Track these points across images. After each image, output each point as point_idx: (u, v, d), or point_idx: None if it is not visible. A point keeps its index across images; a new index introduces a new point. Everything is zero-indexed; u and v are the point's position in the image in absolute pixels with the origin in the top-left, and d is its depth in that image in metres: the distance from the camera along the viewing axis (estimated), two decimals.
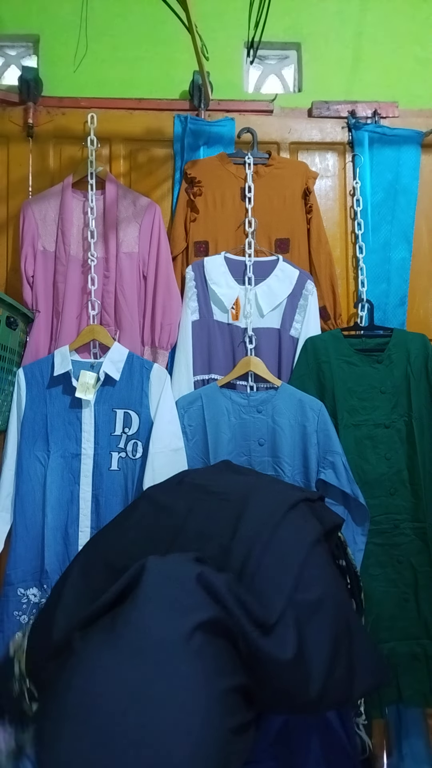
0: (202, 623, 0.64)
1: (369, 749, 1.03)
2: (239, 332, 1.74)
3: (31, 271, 1.73)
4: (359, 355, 1.69)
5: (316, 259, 1.80)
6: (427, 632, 1.57)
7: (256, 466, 1.60)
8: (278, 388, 1.64)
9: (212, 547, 0.79)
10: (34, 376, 1.63)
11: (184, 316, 1.73)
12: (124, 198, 1.77)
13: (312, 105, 1.94)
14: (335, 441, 1.58)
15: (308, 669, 0.71)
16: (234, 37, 1.96)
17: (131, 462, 1.60)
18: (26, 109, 1.84)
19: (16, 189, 1.84)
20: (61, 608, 0.79)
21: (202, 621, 0.64)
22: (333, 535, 1.01)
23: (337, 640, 0.75)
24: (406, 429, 1.65)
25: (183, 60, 1.89)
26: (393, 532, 1.61)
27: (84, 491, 1.58)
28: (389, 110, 1.93)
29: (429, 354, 1.69)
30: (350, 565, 1.07)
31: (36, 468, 1.59)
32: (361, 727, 1.03)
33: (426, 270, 1.91)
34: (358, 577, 1.09)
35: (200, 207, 1.79)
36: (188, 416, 1.63)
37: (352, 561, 1.09)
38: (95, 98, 1.89)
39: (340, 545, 1.07)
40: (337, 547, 1.05)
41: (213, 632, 0.65)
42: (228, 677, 0.63)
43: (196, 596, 0.67)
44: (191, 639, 0.62)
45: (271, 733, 0.86)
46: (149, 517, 0.92)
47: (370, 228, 1.87)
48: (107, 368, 1.61)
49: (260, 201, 1.79)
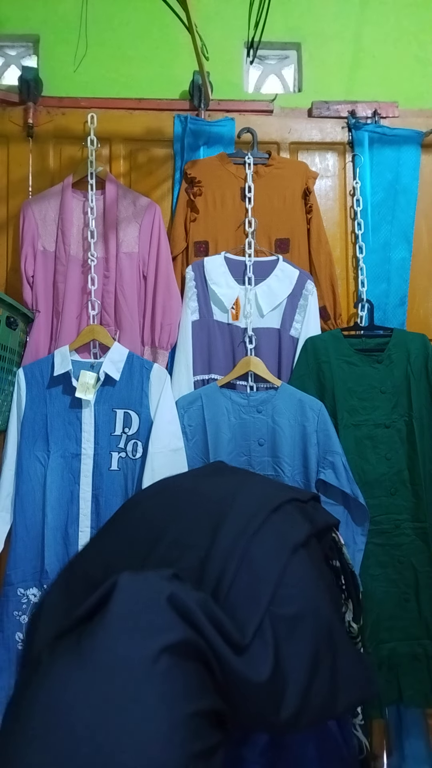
0: (170, 645, 0.62)
1: (366, 749, 1.03)
2: (239, 332, 1.73)
3: (31, 271, 1.73)
4: (359, 355, 1.69)
5: (316, 259, 1.80)
6: (427, 632, 1.57)
7: (256, 466, 1.60)
8: (278, 388, 1.64)
9: (190, 559, 0.78)
10: (34, 376, 1.63)
11: (184, 316, 1.73)
12: (124, 198, 1.77)
13: (312, 105, 1.94)
14: (335, 441, 1.58)
15: (284, 689, 0.69)
16: (234, 37, 1.96)
17: (131, 462, 1.60)
18: (26, 109, 1.84)
19: (16, 189, 1.84)
20: (42, 620, 0.78)
21: (170, 643, 0.62)
22: (326, 537, 0.99)
23: (318, 655, 0.73)
24: (407, 429, 1.65)
25: (183, 60, 1.89)
26: (393, 533, 1.61)
27: (84, 491, 1.58)
28: (389, 110, 1.93)
29: (429, 354, 1.69)
30: (345, 566, 1.05)
31: (36, 468, 1.59)
32: (358, 728, 1.03)
33: (426, 270, 1.91)
34: (355, 577, 1.08)
35: (200, 207, 1.79)
36: (188, 416, 1.63)
37: (348, 562, 1.07)
38: (95, 98, 1.89)
39: (335, 546, 1.05)
40: (331, 549, 1.03)
41: (182, 654, 0.63)
42: (195, 701, 0.62)
43: (165, 617, 0.65)
44: (157, 661, 0.61)
45: (259, 744, 0.85)
46: (129, 526, 0.90)
47: (370, 228, 1.87)
48: (107, 368, 1.61)
49: (260, 201, 1.79)
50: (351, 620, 1.02)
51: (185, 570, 0.75)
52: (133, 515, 0.93)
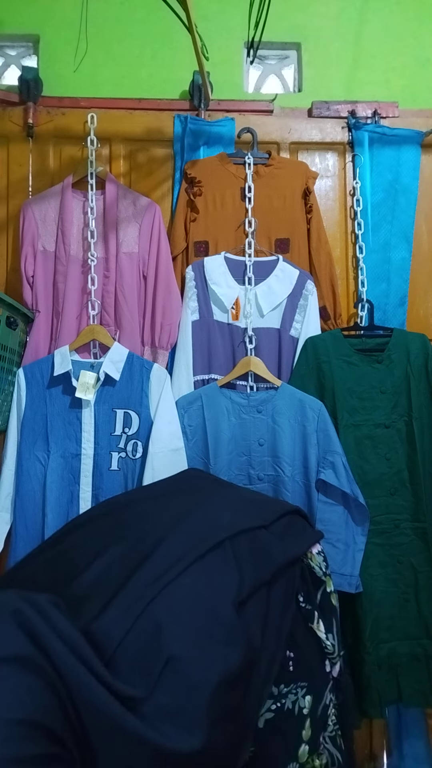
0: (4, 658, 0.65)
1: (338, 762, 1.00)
2: (239, 332, 1.73)
3: (31, 271, 1.73)
4: (359, 355, 1.69)
5: (316, 259, 1.80)
6: (427, 632, 1.57)
7: (256, 466, 1.60)
8: (278, 388, 1.64)
9: (94, 606, 0.78)
10: (34, 376, 1.63)
11: (184, 316, 1.73)
12: (124, 198, 1.77)
13: (312, 105, 1.94)
14: (335, 441, 1.58)
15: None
16: (234, 37, 1.96)
17: (131, 462, 1.60)
18: (26, 109, 1.84)
19: (16, 189, 1.84)
20: None
21: (4, 656, 0.65)
22: (293, 567, 0.98)
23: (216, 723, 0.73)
24: (406, 429, 1.65)
25: (183, 60, 1.89)
26: (393, 532, 1.61)
27: (84, 491, 1.58)
28: (389, 110, 1.93)
29: (429, 354, 1.69)
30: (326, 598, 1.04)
31: (36, 468, 1.59)
32: (328, 740, 1.01)
33: (426, 270, 1.91)
34: (333, 610, 1.05)
35: (200, 207, 1.79)
36: (188, 416, 1.63)
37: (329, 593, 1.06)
38: (95, 98, 1.89)
39: (307, 576, 1.02)
40: (303, 579, 1.01)
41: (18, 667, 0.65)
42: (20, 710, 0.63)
43: (4, 630, 0.67)
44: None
45: None
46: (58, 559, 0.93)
47: (370, 228, 1.87)
48: (107, 368, 1.61)
49: (260, 201, 1.79)
50: (325, 638, 1.01)
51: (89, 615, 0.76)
52: (63, 547, 0.96)
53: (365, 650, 1.52)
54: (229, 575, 0.86)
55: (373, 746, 1.73)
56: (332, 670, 1.03)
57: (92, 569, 0.86)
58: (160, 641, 0.75)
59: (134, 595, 0.79)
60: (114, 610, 0.77)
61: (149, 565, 0.84)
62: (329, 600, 1.06)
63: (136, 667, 0.72)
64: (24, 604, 0.70)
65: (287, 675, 0.94)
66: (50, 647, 0.67)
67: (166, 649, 0.74)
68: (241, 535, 0.92)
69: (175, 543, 0.88)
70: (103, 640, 0.73)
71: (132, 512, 1.02)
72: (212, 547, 0.87)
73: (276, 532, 1.01)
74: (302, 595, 1.00)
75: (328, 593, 1.07)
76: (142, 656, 0.74)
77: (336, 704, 1.04)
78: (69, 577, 0.85)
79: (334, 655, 1.03)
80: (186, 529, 0.92)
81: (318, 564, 1.07)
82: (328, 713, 1.01)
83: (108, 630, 0.74)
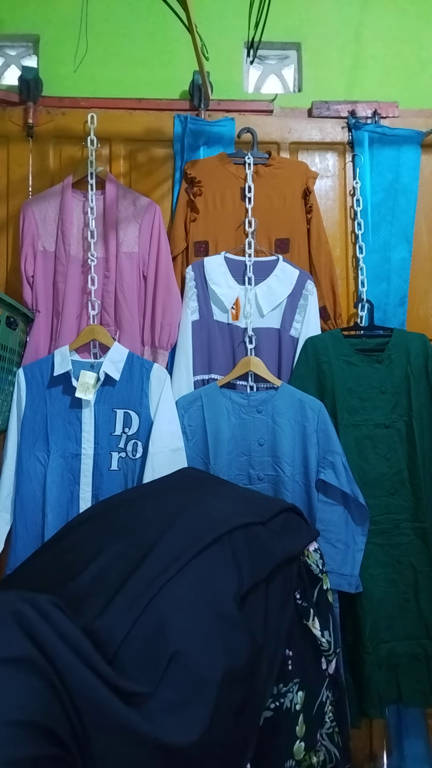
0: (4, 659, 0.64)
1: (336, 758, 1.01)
2: (239, 332, 1.73)
3: (31, 271, 1.73)
4: (359, 355, 1.69)
5: (316, 259, 1.80)
6: (427, 632, 1.57)
7: (256, 466, 1.60)
8: (278, 388, 1.64)
9: (95, 604, 0.78)
10: (34, 376, 1.63)
11: (184, 316, 1.73)
12: (124, 198, 1.77)
13: (312, 105, 1.94)
14: (335, 441, 1.58)
15: None
16: (234, 37, 1.96)
17: (131, 462, 1.60)
18: (26, 109, 1.84)
19: (16, 189, 1.84)
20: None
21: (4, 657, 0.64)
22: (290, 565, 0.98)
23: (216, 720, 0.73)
24: (406, 429, 1.65)
25: (183, 60, 1.89)
26: (393, 532, 1.61)
27: (84, 491, 1.58)
28: (389, 110, 1.93)
29: (429, 354, 1.69)
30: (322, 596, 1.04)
31: (36, 468, 1.59)
32: (325, 737, 1.01)
33: (426, 270, 1.91)
34: (329, 608, 1.06)
35: (200, 207, 1.79)
36: (188, 416, 1.63)
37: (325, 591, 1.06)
38: (95, 98, 1.89)
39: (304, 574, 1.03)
40: (300, 577, 1.01)
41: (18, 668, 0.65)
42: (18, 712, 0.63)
43: (5, 631, 0.67)
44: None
45: None
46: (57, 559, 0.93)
47: (370, 228, 1.87)
48: (107, 368, 1.61)
49: (260, 201, 1.79)
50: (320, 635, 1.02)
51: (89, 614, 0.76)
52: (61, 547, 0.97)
53: (365, 650, 1.52)
54: (228, 571, 0.87)
55: (373, 746, 1.73)
56: (328, 668, 1.04)
57: (92, 568, 0.86)
58: (165, 636, 0.75)
59: (135, 592, 0.79)
60: (116, 608, 0.77)
61: (149, 563, 0.84)
62: (325, 597, 1.07)
63: (141, 663, 0.73)
64: (25, 605, 0.70)
65: (287, 674, 0.95)
66: (51, 648, 0.67)
67: (171, 644, 0.74)
68: (238, 531, 0.92)
69: (173, 540, 0.88)
70: (106, 638, 0.73)
71: (129, 511, 1.02)
72: (210, 543, 0.88)
73: (273, 528, 1.01)
74: (299, 593, 1.01)
75: (325, 591, 1.07)
76: (146, 652, 0.74)
77: (333, 701, 1.04)
78: (69, 577, 0.85)
79: (329, 652, 1.03)
80: (184, 526, 0.92)
81: (314, 561, 1.07)
82: (324, 710, 1.01)
83: (111, 628, 0.75)
